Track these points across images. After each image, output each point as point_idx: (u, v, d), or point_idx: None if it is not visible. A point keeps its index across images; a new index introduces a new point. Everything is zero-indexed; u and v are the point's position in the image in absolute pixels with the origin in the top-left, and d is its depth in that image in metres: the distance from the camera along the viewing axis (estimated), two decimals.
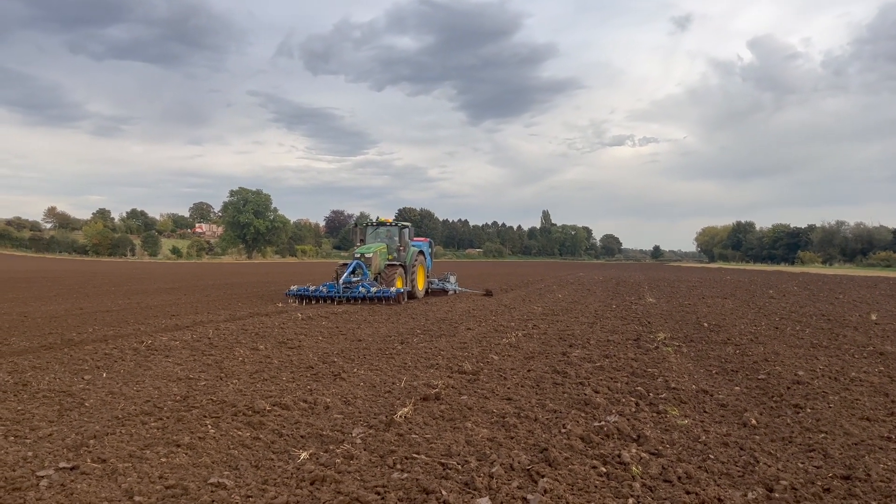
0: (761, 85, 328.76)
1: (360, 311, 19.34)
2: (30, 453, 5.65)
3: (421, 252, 25.95)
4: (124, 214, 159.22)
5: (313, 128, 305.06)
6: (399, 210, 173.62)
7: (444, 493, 4.82)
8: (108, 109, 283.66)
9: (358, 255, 23.02)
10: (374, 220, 26.33)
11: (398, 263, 24.02)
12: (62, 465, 5.33)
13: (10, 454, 5.61)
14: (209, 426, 6.59)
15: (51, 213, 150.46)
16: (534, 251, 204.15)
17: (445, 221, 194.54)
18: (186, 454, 5.73)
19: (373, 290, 21.39)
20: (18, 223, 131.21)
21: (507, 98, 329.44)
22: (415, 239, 27.05)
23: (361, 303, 21.21)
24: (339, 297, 21.51)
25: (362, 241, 25.18)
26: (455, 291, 27.92)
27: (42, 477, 5.07)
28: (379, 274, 23.19)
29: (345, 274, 22.18)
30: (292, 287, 22.73)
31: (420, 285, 25.65)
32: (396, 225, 25.36)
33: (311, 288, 22.35)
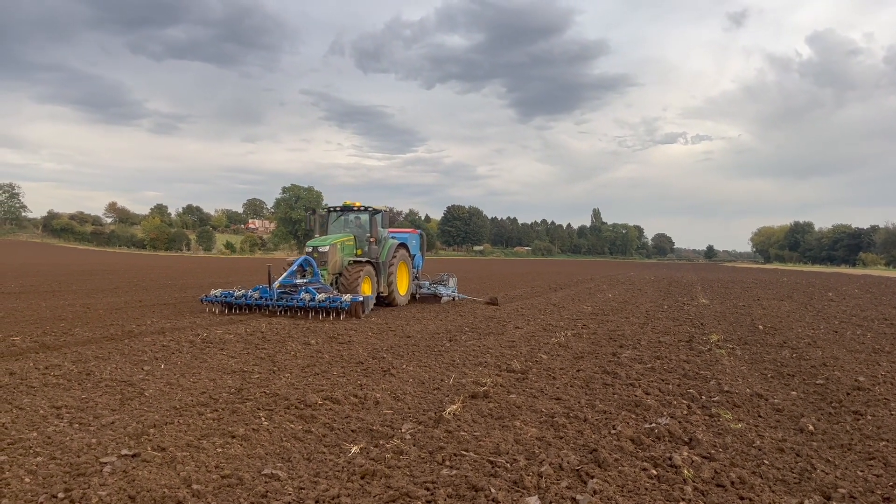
0: (820, 81, 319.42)
1: (408, 308, 19.33)
2: (93, 440, 5.88)
3: (402, 246, 20.42)
4: (180, 210, 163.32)
5: (364, 126, 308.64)
6: (448, 207, 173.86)
7: (493, 490, 4.84)
8: (166, 108, 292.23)
9: (309, 250, 17.97)
10: (334, 207, 20.47)
11: (366, 260, 18.48)
12: (124, 452, 5.53)
13: (74, 441, 5.85)
14: (263, 418, 6.75)
15: (111, 208, 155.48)
16: (583, 250, 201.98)
17: (494, 219, 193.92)
18: (241, 445, 5.88)
19: (319, 296, 15.76)
20: (81, 218, 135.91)
21: (558, 95, 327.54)
22: (399, 230, 22.72)
23: (302, 315, 15.88)
24: (273, 306, 16.29)
25: (324, 233, 20.06)
26: (454, 298, 22.77)
27: (105, 463, 5.27)
28: (339, 275, 18.00)
29: (284, 274, 16.97)
30: (213, 291, 17.29)
31: (402, 289, 20.26)
32: (367, 210, 19.54)
33: (238, 293, 16.91)
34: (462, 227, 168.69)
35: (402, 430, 6.47)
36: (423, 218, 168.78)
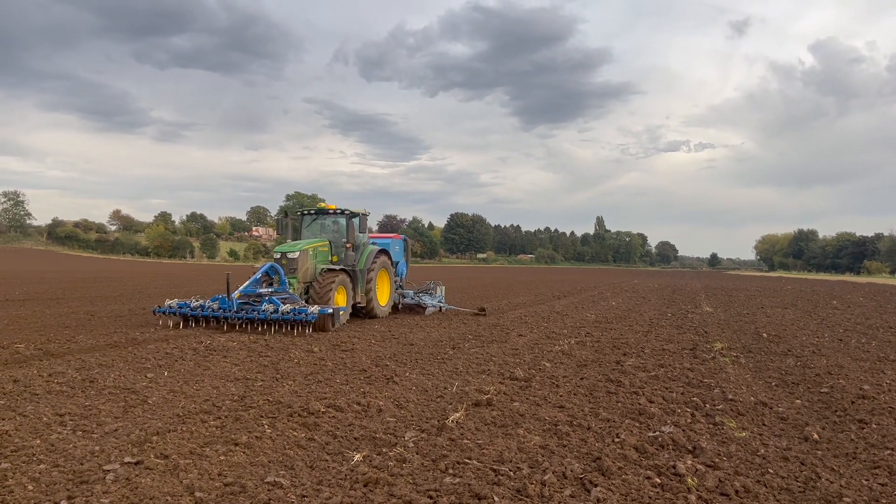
0: (823, 89, 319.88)
1: (407, 315, 19.34)
2: (97, 448, 5.88)
3: (383, 252, 18.90)
4: (184, 217, 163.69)
5: (367, 133, 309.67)
6: (451, 215, 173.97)
7: (496, 499, 4.83)
8: (170, 116, 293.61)
9: (277, 256, 16.52)
10: (308, 210, 18.91)
11: (341, 268, 16.96)
12: (127, 459, 5.53)
13: (78, 448, 5.86)
14: (266, 426, 6.74)
15: (115, 215, 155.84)
16: (587, 258, 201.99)
17: (497, 227, 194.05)
18: (244, 453, 5.88)
19: (283, 307, 14.32)
20: (86, 225, 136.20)
21: (561, 103, 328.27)
22: (380, 235, 21.45)
23: (264, 330, 14.30)
24: (232, 318, 14.74)
25: (298, 238, 18.50)
26: (441, 309, 21.10)
27: (108, 471, 5.27)
28: (310, 284, 16.48)
29: (246, 283, 15.56)
30: (169, 301, 15.71)
31: (382, 299, 18.80)
32: (344, 213, 18.03)
33: (195, 303, 15.43)
34: (465, 235, 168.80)
35: (406, 438, 6.46)
36: (426, 226, 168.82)
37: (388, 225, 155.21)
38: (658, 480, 5.35)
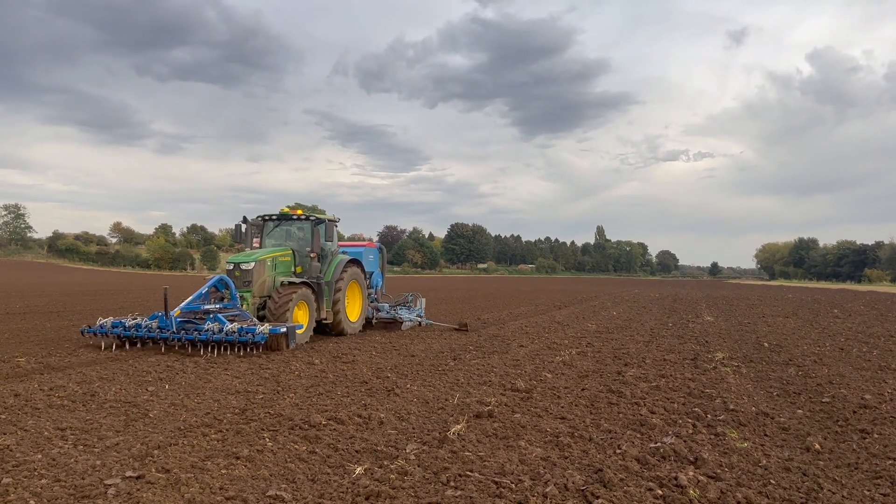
0: (821, 98, 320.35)
1: (411, 330, 19.30)
2: (98, 462, 5.88)
3: (354, 262, 17.12)
4: (185, 229, 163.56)
5: (367, 145, 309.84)
6: (451, 225, 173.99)
7: None
8: (171, 128, 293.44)
9: (230, 267, 14.81)
10: (270, 215, 16.84)
11: (302, 281, 15.10)
12: (128, 474, 5.53)
13: (79, 462, 5.85)
14: (267, 439, 6.74)
15: (116, 228, 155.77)
16: (588, 267, 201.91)
17: (498, 237, 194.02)
18: (245, 466, 5.88)
19: (228, 327, 12.62)
20: (86, 238, 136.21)
21: (560, 114, 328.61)
22: (353, 244, 20.03)
23: (209, 353, 12.51)
24: (171, 339, 12.87)
25: (259, 245, 16.76)
26: (421, 323, 19.35)
27: (109, 485, 5.27)
28: (267, 298, 14.69)
29: (189, 298, 13.70)
30: (102, 320, 13.56)
31: (352, 314, 16.95)
32: (309, 219, 16.27)
33: (131, 322, 13.41)
34: (466, 245, 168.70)
35: (407, 451, 6.45)
36: (427, 236, 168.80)
37: (389, 235, 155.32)
38: (660, 492, 5.34)
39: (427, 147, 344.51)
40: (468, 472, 5.78)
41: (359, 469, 5.85)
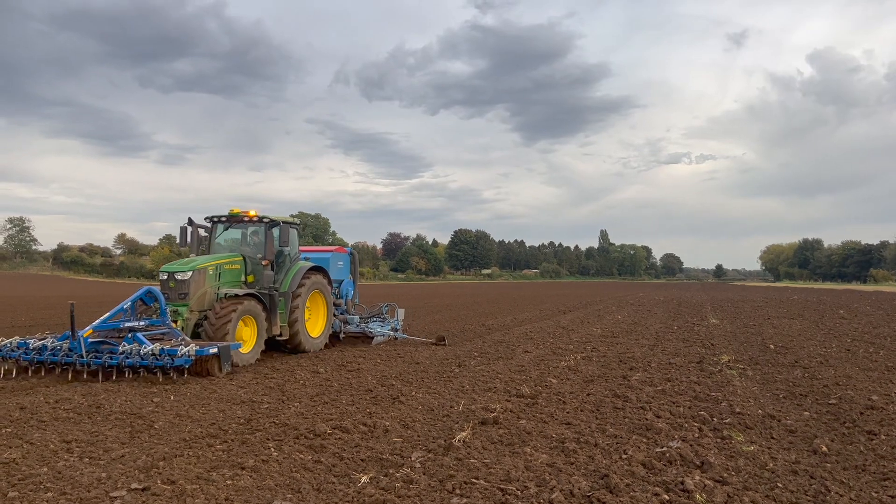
0: (823, 99, 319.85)
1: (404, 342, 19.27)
2: (103, 474, 5.88)
3: (317, 270, 15.19)
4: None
5: (369, 152, 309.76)
6: (455, 231, 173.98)
7: None
8: (174, 139, 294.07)
9: (163, 277, 12.84)
10: (218, 217, 14.77)
11: (247, 293, 13.11)
12: (134, 486, 5.53)
13: (84, 475, 5.85)
14: (272, 449, 6.74)
15: (120, 239, 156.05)
16: (592, 271, 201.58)
17: (501, 242, 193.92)
18: (251, 476, 5.87)
19: (150, 347, 10.76)
20: (91, 250, 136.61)
21: (561, 118, 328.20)
22: (319, 249, 18.05)
23: (122, 378, 10.75)
24: (80, 363, 10.82)
25: (204, 251, 14.58)
26: (395, 338, 17.24)
27: (115, 498, 5.26)
28: (206, 313, 12.58)
29: (106, 315, 11.98)
30: (6, 341, 11.54)
31: (314, 329, 15.06)
32: (262, 221, 14.24)
33: (36, 342, 11.32)
34: (469, 251, 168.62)
35: (412, 459, 6.44)
36: (430, 242, 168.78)
37: (392, 242, 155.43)
38: (666, 497, 5.32)
39: (429, 154, 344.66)
40: (474, 480, 5.77)
41: (364, 478, 5.84)
